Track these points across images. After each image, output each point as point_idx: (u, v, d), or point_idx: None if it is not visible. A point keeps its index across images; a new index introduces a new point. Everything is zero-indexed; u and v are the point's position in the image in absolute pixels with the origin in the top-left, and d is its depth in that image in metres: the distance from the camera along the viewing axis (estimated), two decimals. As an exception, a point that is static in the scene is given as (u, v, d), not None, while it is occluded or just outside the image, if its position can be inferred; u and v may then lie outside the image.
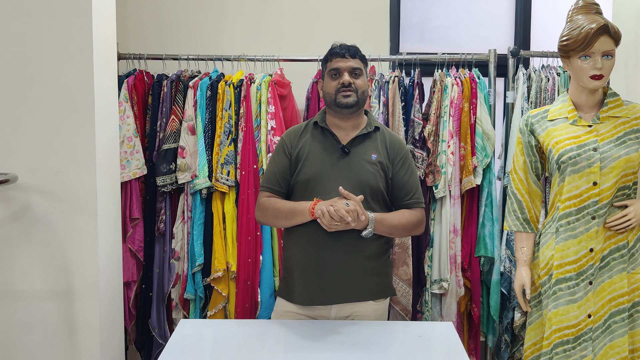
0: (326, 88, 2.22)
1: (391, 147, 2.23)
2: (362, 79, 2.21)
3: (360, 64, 2.21)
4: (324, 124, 2.24)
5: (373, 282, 2.19)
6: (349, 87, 2.16)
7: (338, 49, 2.21)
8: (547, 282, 2.26)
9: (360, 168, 2.16)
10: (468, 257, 3.04)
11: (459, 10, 3.69)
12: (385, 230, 2.13)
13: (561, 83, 3.01)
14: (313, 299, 2.15)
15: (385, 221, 2.12)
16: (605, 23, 2.11)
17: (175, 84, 3.03)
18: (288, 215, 2.14)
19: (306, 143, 2.22)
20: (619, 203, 2.19)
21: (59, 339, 2.35)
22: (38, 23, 2.25)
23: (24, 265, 2.31)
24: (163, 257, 3.06)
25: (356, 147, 2.20)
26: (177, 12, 3.48)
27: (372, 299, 2.19)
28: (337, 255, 2.12)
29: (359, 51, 2.24)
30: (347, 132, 2.23)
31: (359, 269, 2.14)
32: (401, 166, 2.22)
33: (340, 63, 2.18)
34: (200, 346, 2.06)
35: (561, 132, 2.24)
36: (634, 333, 2.20)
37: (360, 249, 2.13)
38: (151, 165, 3.02)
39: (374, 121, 2.27)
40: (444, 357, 2.07)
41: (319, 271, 2.13)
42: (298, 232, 2.17)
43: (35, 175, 2.28)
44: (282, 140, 2.28)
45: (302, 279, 2.16)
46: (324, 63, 2.26)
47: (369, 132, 2.22)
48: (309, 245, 2.14)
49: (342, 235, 2.09)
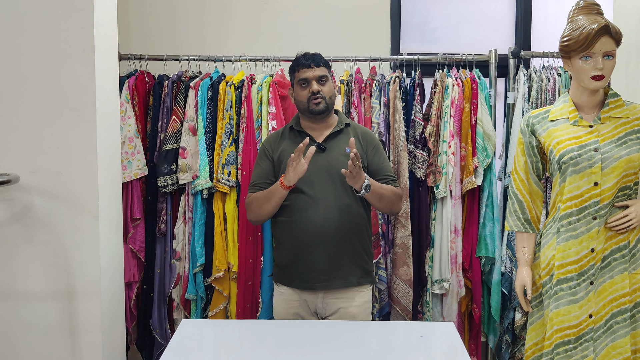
0: (298, 97, 2.43)
1: (363, 139, 2.47)
2: (328, 84, 2.43)
3: (325, 71, 2.43)
4: (299, 127, 2.47)
5: (355, 267, 2.39)
6: (318, 95, 2.38)
7: (303, 59, 2.42)
8: (548, 282, 2.26)
9: (336, 162, 2.37)
10: (469, 258, 3.04)
11: (460, 10, 3.69)
12: (376, 193, 2.32)
13: (562, 83, 3.01)
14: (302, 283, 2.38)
15: (374, 183, 2.33)
16: (606, 23, 2.11)
17: (176, 85, 3.03)
18: (267, 197, 2.36)
19: (286, 146, 2.45)
20: (620, 203, 2.19)
21: (60, 339, 2.35)
22: (39, 23, 2.25)
23: (26, 266, 2.31)
24: (164, 258, 3.06)
25: (331, 143, 2.43)
26: (178, 13, 3.48)
27: (357, 281, 2.39)
28: (320, 242, 2.33)
29: (323, 58, 2.45)
30: (320, 132, 2.46)
31: (340, 255, 2.35)
32: (374, 154, 2.46)
33: (308, 73, 2.40)
34: (201, 346, 2.07)
35: (562, 133, 2.24)
36: (636, 334, 2.20)
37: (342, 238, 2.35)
38: (152, 166, 3.02)
39: (344, 119, 2.52)
40: (445, 357, 2.07)
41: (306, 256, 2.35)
42: (284, 224, 2.40)
43: (37, 175, 2.28)
44: (263, 146, 2.52)
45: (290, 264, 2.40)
46: (292, 73, 2.47)
47: (341, 128, 2.46)
48: (293, 235, 2.37)
49: (324, 225, 2.32)
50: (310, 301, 2.41)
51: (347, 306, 2.38)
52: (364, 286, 2.43)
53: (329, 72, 2.46)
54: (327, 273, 2.35)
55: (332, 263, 2.35)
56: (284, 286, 2.45)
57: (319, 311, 2.41)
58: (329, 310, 2.40)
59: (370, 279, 2.46)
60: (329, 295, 2.38)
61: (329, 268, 2.35)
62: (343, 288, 2.38)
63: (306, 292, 2.40)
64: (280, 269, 2.46)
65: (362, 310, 2.42)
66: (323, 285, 2.36)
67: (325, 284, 2.36)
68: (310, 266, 2.35)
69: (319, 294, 2.38)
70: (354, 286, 2.39)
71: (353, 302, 2.39)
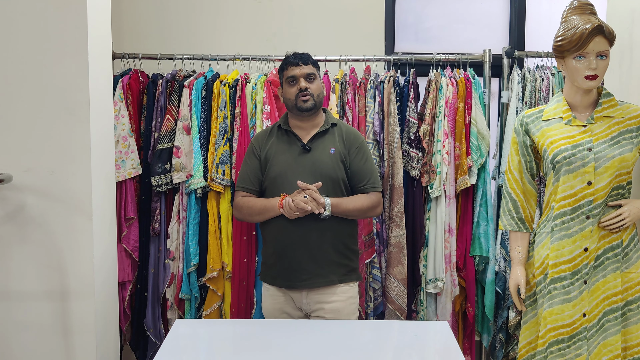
0: (286, 94, 2.45)
1: (347, 139, 2.47)
2: (316, 82, 2.45)
3: (313, 69, 2.45)
4: (286, 126, 2.49)
5: (339, 265, 2.41)
6: (306, 92, 2.40)
7: (292, 58, 2.45)
8: (542, 281, 2.27)
9: (320, 162, 2.41)
10: (463, 257, 3.05)
11: (454, 10, 3.70)
12: (341, 212, 2.37)
13: (556, 83, 3.02)
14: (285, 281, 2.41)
15: (340, 205, 2.37)
16: (599, 23, 2.12)
17: (170, 84, 3.02)
18: (261, 212, 2.41)
19: (272, 144, 2.48)
20: (613, 203, 2.20)
21: (54, 339, 2.34)
22: (33, 22, 2.24)
23: (19, 265, 2.30)
24: (158, 257, 3.05)
25: (317, 142, 2.44)
26: (172, 12, 3.47)
27: (338, 281, 2.40)
28: (303, 241, 2.36)
29: (311, 58, 2.47)
30: (307, 131, 2.47)
31: (323, 253, 2.38)
32: (356, 155, 2.46)
33: (296, 70, 2.42)
34: (195, 346, 2.06)
35: (556, 132, 2.25)
36: (626, 331, 2.22)
37: (324, 236, 2.37)
38: (146, 165, 3.01)
39: (331, 118, 2.52)
40: (439, 356, 2.07)
41: (289, 255, 2.38)
42: (270, 222, 2.42)
43: (30, 175, 2.27)
44: (252, 144, 2.54)
45: (275, 263, 2.42)
46: (281, 72, 2.50)
47: (327, 128, 2.47)
48: (278, 233, 2.40)
49: (307, 223, 2.35)
50: (296, 298, 2.43)
51: (331, 301, 2.40)
52: (347, 283, 2.44)
53: (317, 71, 2.48)
54: (310, 272, 2.37)
55: (314, 262, 2.37)
56: (269, 285, 2.48)
57: (304, 307, 2.44)
58: (314, 306, 2.42)
59: (354, 275, 2.47)
60: (313, 292, 2.40)
61: (311, 267, 2.37)
62: (325, 286, 2.40)
63: (291, 290, 2.43)
64: (266, 267, 2.49)
65: (347, 305, 2.43)
66: (306, 284, 2.38)
67: (308, 283, 2.38)
68: (292, 265, 2.38)
69: (302, 292, 2.41)
70: (335, 284, 2.41)
71: (337, 297, 2.41)
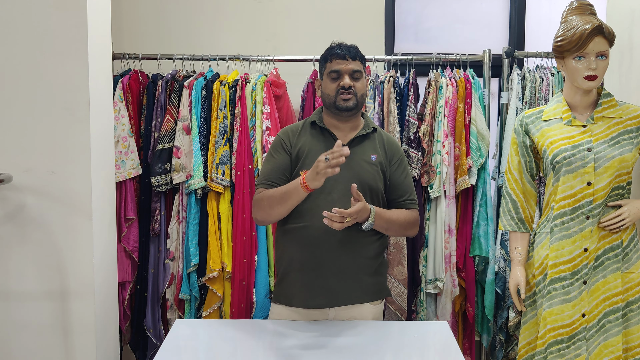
0: (325, 89, 2.20)
1: (389, 148, 2.25)
2: (362, 81, 2.19)
3: (360, 66, 2.19)
4: (322, 124, 2.23)
5: (370, 283, 2.19)
6: (349, 90, 2.15)
7: (339, 49, 2.17)
8: (542, 281, 2.27)
9: (360, 168, 2.16)
10: (463, 257, 3.05)
11: (454, 10, 3.69)
12: (383, 225, 2.12)
13: (555, 83, 3.03)
14: (313, 300, 2.14)
15: (384, 215, 2.12)
16: (599, 24, 2.12)
17: (170, 84, 3.02)
18: (282, 197, 2.06)
19: (306, 142, 2.20)
20: (613, 203, 2.20)
21: (54, 340, 2.34)
22: (32, 22, 2.24)
23: (19, 266, 2.30)
24: (158, 258, 3.05)
25: (356, 147, 2.19)
26: (172, 12, 3.47)
27: (369, 300, 2.20)
28: (335, 254, 2.12)
29: (359, 52, 2.21)
30: (345, 132, 2.22)
31: (356, 268, 2.15)
32: (397, 167, 2.24)
33: (342, 65, 2.16)
34: (195, 346, 2.06)
35: (556, 133, 2.25)
36: (627, 332, 2.22)
37: (357, 248, 2.14)
38: (146, 165, 3.01)
39: (371, 123, 2.28)
40: (439, 356, 2.07)
41: (318, 270, 2.12)
42: (294, 231, 2.16)
43: (30, 175, 2.27)
44: (280, 138, 2.24)
45: (300, 279, 2.15)
46: (323, 62, 2.23)
47: (368, 133, 2.23)
48: (306, 244, 2.13)
49: (339, 233, 2.08)
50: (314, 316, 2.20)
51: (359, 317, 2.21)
52: (376, 302, 2.23)
53: (364, 68, 2.21)
54: (340, 288, 2.13)
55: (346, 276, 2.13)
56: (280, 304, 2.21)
57: None
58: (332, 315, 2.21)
59: (385, 292, 2.26)
60: (336, 308, 2.19)
61: (342, 282, 2.13)
62: (356, 304, 2.18)
63: (311, 309, 2.18)
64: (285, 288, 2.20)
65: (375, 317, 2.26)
66: (331, 303, 2.16)
67: (339, 300, 2.15)
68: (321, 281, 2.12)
69: (324, 310, 2.18)
70: (364, 302, 2.19)
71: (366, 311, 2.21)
